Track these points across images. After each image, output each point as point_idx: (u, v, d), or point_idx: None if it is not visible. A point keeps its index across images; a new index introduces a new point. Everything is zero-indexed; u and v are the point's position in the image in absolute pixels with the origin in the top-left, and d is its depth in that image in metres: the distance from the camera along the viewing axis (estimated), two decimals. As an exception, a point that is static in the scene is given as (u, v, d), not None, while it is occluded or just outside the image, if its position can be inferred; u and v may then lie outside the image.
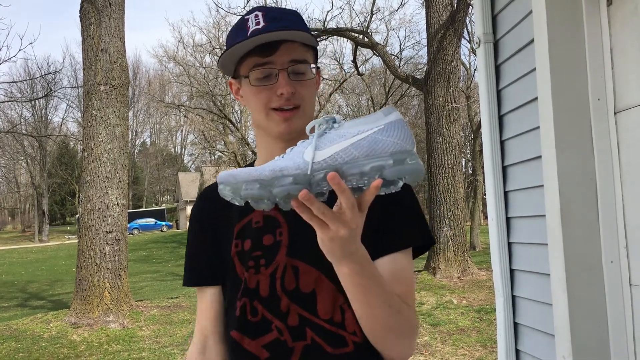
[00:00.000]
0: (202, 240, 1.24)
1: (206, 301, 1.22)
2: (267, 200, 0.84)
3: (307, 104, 1.14)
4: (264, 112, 1.13)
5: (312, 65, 1.15)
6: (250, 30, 1.09)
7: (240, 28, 1.12)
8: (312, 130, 0.87)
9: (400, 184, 0.84)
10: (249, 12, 1.14)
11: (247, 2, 13.80)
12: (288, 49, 1.10)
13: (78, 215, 12.38)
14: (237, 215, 1.19)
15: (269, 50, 1.09)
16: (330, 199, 0.86)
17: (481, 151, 16.56)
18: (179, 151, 59.72)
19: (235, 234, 1.18)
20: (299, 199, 0.81)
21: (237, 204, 0.87)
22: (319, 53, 1.25)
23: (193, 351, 1.22)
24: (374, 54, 15.29)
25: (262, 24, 1.09)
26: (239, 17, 1.18)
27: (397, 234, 1.12)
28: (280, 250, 1.12)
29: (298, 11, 1.21)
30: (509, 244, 2.73)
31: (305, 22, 1.21)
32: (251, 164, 1.27)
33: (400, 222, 1.13)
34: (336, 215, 0.84)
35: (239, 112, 34.19)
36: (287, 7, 1.24)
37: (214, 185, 1.30)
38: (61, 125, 48.69)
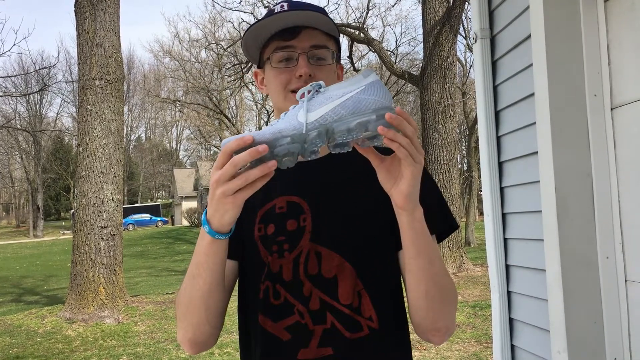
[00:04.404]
0: None
1: None
2: (267, 160, 0.89)
3: None
4: (283, 93, 1.16)
5: (333, 51, 1.19)
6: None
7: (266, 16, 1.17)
8: (302, 96, 0.95)
9: (382, 138, 0.92)
10: (277, 3, 1.18)
11: (243, -3, 13.76)
12: (309, 35, 1.14)
13: (73, 210, 12.34)
14: (260, 200, 1.19)
15: (291, 35, 1.14)
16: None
17: (476, 147, 16.59)
18: (175, 146, 59.64)
19: (259, 218, 1.18)
20: (380, 133, 0.87)
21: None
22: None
23: None
24: (370, 49, 15.29)
25: (286, 10, 1.13)
26: (235, 12, 1.21)
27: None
28: (304, 236, 1.14)
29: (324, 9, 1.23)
30: (505, 240, 2.73)
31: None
32: None
33: (425, 209, 1.12)
34: (412, 145, 0.90)
35: (234, 107, 34.12)
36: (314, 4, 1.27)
37: None
38: (56, 120, 48.51)
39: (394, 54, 23.03)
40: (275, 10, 1.14)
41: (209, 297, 1.07)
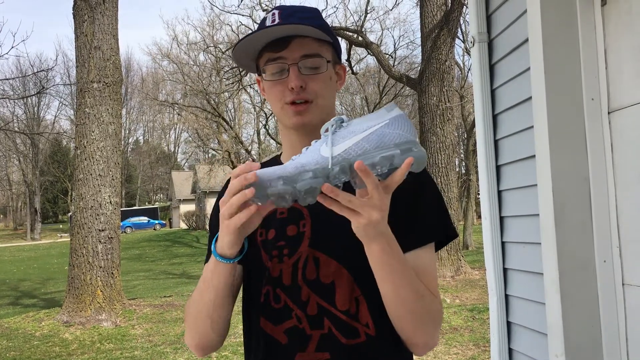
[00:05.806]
0: None
1: None
2: (288, 197, 0.91)
3: (320, 98, 1.16)
4: (279, 105, 1.17)
5: (329, 59, 1.18)
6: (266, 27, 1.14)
7: (259, 27, 1.17)
8: (326, 130, 0.95)
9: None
10: (269, 12, 1.18)
11: (241, 1, 13.80)
12: (300, 44, 1.13)
13: (71, 213, 12.31)
14: None
15: (281, 46, 1.13)
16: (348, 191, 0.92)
17: (474, 151, 16.61)
18: (173, 149, 59.60)
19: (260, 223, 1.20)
20: (324, 192, 0.88)
21: (258, 203, 0.94)
22: None
23: None
24: (368, 53, 15.31)
25: (277, 21, 1.13)
26: (233, 15, 1.22)
27: (420, 229, 1.15)
28: (303, 242, 1.16)
29: (318, 9, 1.24)
30: (503, 243, 2.73)
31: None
32: (277, 157, 1.31)
33: (423, 216, 1.16)
34: (364, 201, 0.90)
35: (232, 110, 34.09)
36: (307, 5, 1.27)
37: None
38: (54, 122, 48.54)
39: (392, 57, 23.09)
40: (267, 20, 1.14)
41: (213, 312, 1.12)
